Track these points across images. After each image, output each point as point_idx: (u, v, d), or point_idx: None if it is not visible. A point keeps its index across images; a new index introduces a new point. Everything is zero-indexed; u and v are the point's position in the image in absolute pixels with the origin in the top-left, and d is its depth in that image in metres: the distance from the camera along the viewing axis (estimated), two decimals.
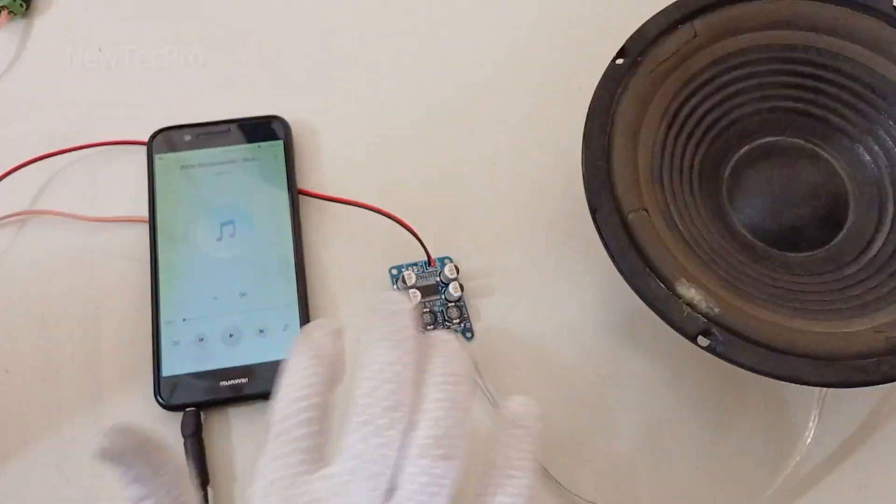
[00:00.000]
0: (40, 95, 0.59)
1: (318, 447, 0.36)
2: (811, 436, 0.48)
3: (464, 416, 0.36)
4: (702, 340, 0.44)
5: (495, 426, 0.38)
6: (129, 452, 0.34)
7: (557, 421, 0.51)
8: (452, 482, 0.35)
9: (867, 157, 0.53)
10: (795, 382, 0.44)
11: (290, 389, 0.36)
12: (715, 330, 0.44)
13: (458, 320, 0.53)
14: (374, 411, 0.35)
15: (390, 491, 0.35)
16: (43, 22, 0.62)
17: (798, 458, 0.48)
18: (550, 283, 0.55)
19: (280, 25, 0.63)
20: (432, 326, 0.52)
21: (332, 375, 0.37)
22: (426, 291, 0.53)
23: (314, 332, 0.38)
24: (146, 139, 0.56)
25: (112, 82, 0.60)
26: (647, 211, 0.47)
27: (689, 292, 0.45)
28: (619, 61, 0.50)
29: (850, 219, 0.52)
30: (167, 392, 0.49)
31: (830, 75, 0.52)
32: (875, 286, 0.48)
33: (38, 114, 0.59)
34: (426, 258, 0.54)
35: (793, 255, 0.51)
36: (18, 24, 0.62)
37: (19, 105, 0.59)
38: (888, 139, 0.52)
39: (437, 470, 0.34)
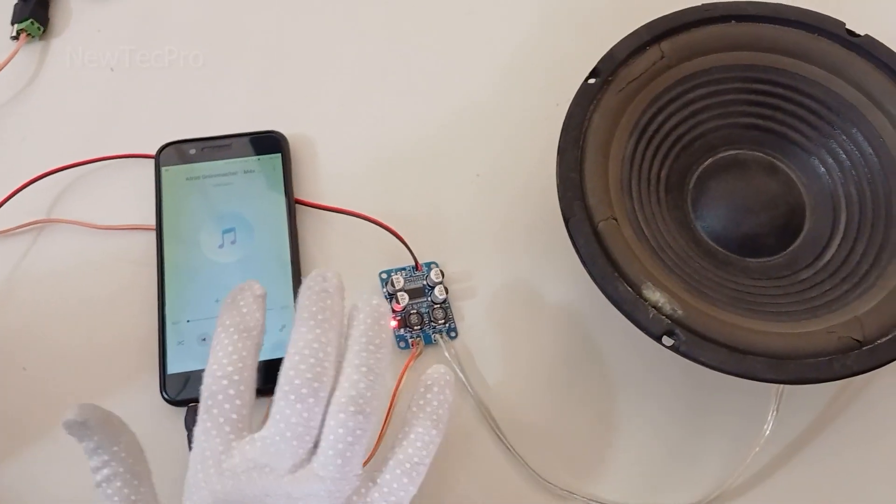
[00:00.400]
0: (56, 112, 0.62)
1: (245, 417, 0.42)
2: (769, 429, 0.51)
3: (377, 379, 0.42)
4: (666, 340, 0.47)
5: (416, 391, 0.44)
6: (90, 423, 0.40)
7: (535, 413, 0.54)
8: (366, 433, 0.41)
9: (822, 169, 0.55)
10: (753, 379, 0.47)
11: (215, 367, 0.42)
12: (678, 331, 0.47)
13: (443, 321, 0.55)
14: (297, 382, 0.41)
15: (315, 447, 0.41)
16: (58, 44, 0.65)
17: (756, 450, 0.51)
18: (528, 285, 0.57)
19: (282, 44, 0.66)
20: (419, 328, 0.55)
21: (254, 347, 0.43)
22: (413, 294, 0.56)
23: (238, 300, 0.44)
24: (154, 152, 0.59)
25: (123, 100, 0.63)
26: (616, 220, 0.50)
27: (655, 295, 0.47)
28: (592, 81, 0.53)
29: (807, 227, 0.55)
30: (172, 388, 0.52)
31: (789, 93, 0.55)
32: (829, 289, 0.51)
33: (53, 129, 0.62)
34: (413, 263, 0.57)
35: (753, 260, 0.54)
36: (36, 45, 0.65)
37: (36, 121, 0.62)
38: (842, 152, 0.55)
39: (351, 423, 0.40)
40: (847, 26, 0.55)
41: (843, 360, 0.47)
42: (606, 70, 0.53)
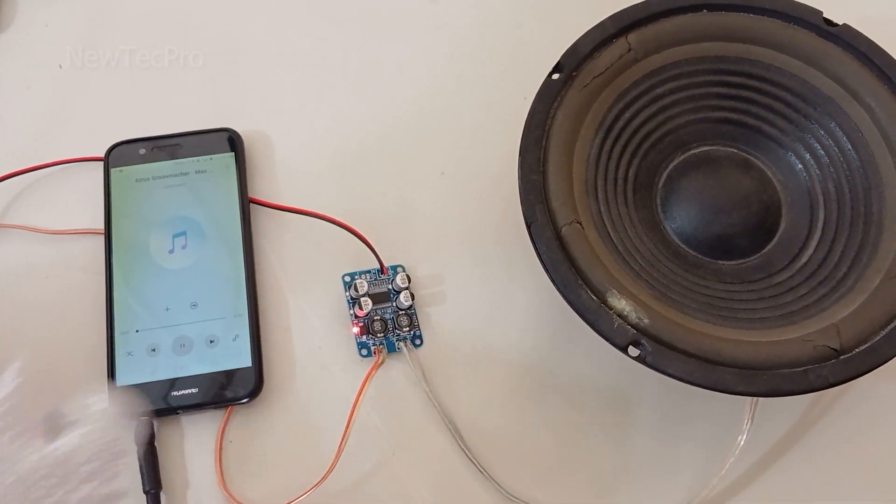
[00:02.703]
0: (2, 114, 0.59)
1: None
2: (745, 438, 0.48)
3: None
4: (632, 351, 0.44)
5: None
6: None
7: (500, 424, 0.51)
8: None
9: (799, 166, 0.52)
10: (723, 392, 0.44)
11: None
12: (644, 340, 0.44)
13: (407, 328, 0.52)
14: None
15: None
16: (3, 40, 0.61)
17: (732, 459, 0.48)
18: (497, 289, 0.54)
19: (235, 38, 0.62)
20: (382, 334, 0.52)
21: None
22: (377, 299, 0.53)
23: None
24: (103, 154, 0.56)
25: (72, 98, 0.59)
26: (580, 223, 0.47)
27: (620, 303, 0.45)
28: (555, 76, 0.50)
29: (782, 226, 0.52)
30: (121, 401, 0.49)
31: (763, 86, 0.52)
32: (805, 293, 0.48)
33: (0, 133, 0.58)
34: (379, 266, 0.54)
35: (725, 263, 0.51)
36: None
37: None
38: (819, 147, 0.51)
39: None
40: (824, 15, 0.52)
41: (818, 370, 0.44)
42: (570, 65, 0.50)
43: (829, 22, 0.51)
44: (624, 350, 0.44)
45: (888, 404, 0.52)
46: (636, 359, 0.44)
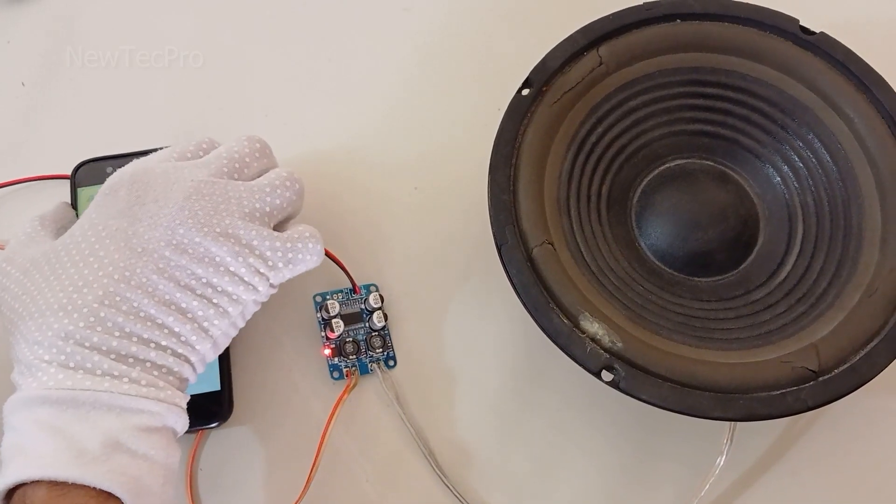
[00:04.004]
0: None
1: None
2: (724, 458, 0.47)
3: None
4: (605, 375, 0.43)
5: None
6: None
7: (475, 447, 0.50)
8: (251, 154, 0.47)
9: (777, 178, 0.50)
10: (698, 417, 0.43)
11: None
12: (617, 365, 0.43)
13: (381, 349, 0.51)
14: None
15: None
16: None
17: (712, 479, 0.47)
18: (472, 309, 0.53)
19: (203, 53, 0.60)
20: (355, 356, 0.50)
21: None
22: (349, 319, 0.51)
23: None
24: (70, 172, 0.54)
25: (36, 116, 0.58)
26: (552, 244, 0.45)
27: (593, 327, 0.43)
28: (524, 92, 0.48)
29: (760, 241, 0.50)
30: None
31: (739, 96, 0.50)
32: (784, 311, 0.47)
33: None
34: (351, 285, 0.52)
35: (702, 280, 0.49)
36: None
37: None
38: (797, 159, 0.50)
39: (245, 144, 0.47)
40: (801, 23, 0.50)
41: (796, 393, 0.43)
42: (540, 80, 0.48)
43: (806, 30, 0.50)
44: (597, 375, 0.43)
45: (869, 420, 0.50)
46: (609, 383, 0.43)
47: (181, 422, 0.41)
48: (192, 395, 0.42)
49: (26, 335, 0.40)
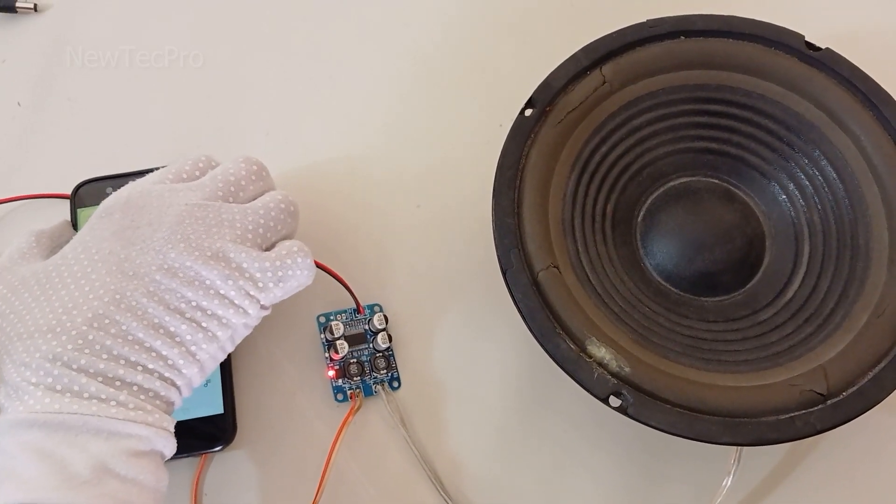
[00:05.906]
0: None
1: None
2: (731, 479, 0.46)
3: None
4: (613, 401, 0.42)
5: None
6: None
7: (480, 470, 0.49)
8: (247, 178, 0.46)
9: (783, 196, 0.50)
10: (707, 442, 0.42)
11: None
12: (625, 390, 0.42)
13: (385, 370, 0.50)
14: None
15: None
16: None
17: (719, 500, 0.46)
18: (477, 330, 0.52)
19: (203, 70, 0.59)
20: (359, 377, 0.50)
21: None
22: (353, 341, 0.50)
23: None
24: (69, 192, 0.53)
25: (33, 136, 0.57)
26: (557, 268, 0.44)
27: (600, 352, 0.43)
28: (528, 112, 0.47)
29: (766, 260, 0.49)
30: None
31: (744, 113, 0.49)
32: (791, 332, 0.46)
33: None
34: (355, 305, 0.51)
35: (708, 299, 0.49)
36: None
37: None
38: (803, 177, 0.49)
39: (242, 166, 0.47)
40: (806, 39, 0.49)
41: (805, 417, 0.42)
42: (543, 100, 0.47)
43: (811, 46, 0.49)
44: (605, 401, 0.42)
45: (878, 439, 0.49)
46: (617, 409, 0.42)
47: (169, 446, 0.40)
48: (195, 419, 0.42)
49: (13, 356, 0.39)
